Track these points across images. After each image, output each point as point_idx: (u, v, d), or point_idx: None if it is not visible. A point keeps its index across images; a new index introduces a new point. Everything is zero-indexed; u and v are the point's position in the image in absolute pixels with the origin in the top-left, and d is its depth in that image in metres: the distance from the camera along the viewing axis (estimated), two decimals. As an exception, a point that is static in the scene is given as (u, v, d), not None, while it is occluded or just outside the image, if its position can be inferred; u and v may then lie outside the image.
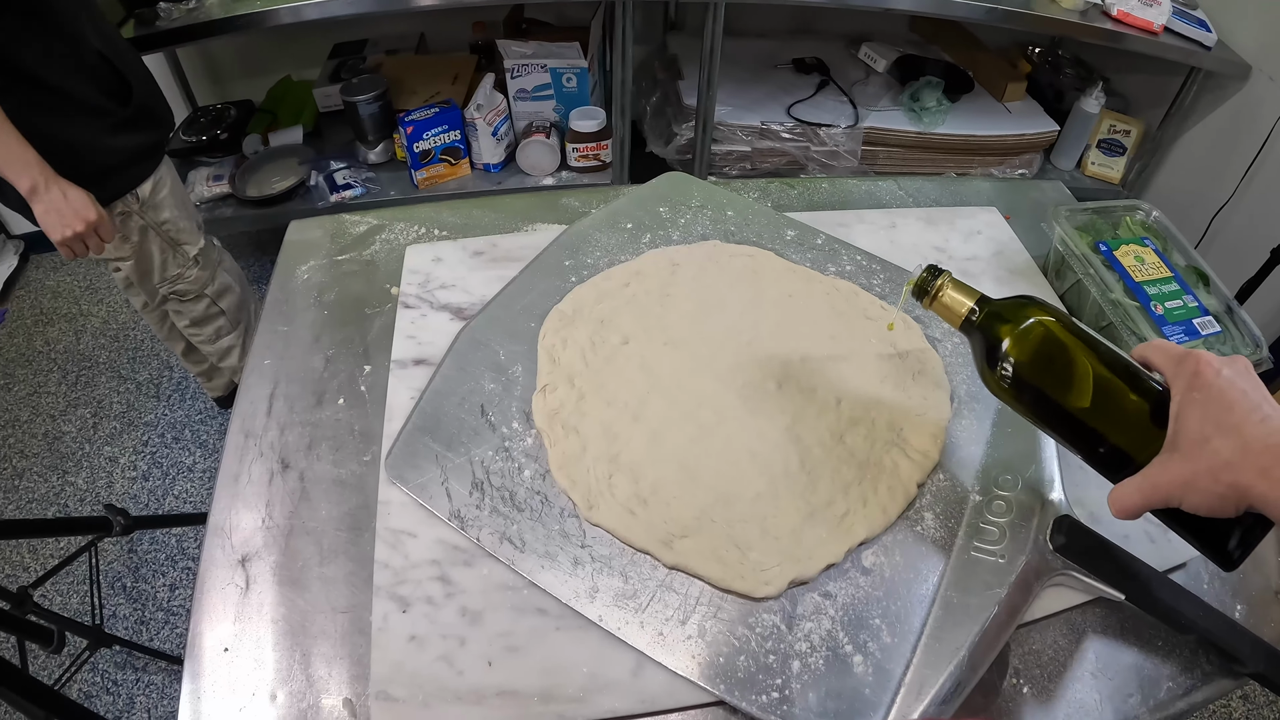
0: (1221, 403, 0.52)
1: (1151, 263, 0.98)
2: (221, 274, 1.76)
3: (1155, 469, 0.54)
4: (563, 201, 1.05)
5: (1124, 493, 0.55)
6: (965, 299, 0.65)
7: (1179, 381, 0.55)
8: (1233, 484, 0.49)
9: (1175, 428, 0.54)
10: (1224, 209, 2.05)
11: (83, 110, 1.35)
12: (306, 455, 0.78)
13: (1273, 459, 0.48)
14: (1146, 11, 1.93)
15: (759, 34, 2.44)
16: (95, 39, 1.36)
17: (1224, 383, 0.53)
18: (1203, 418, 0.52)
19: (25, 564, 1.92)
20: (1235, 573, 0.71)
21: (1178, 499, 0.52)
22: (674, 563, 0.66)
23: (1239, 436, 0.50)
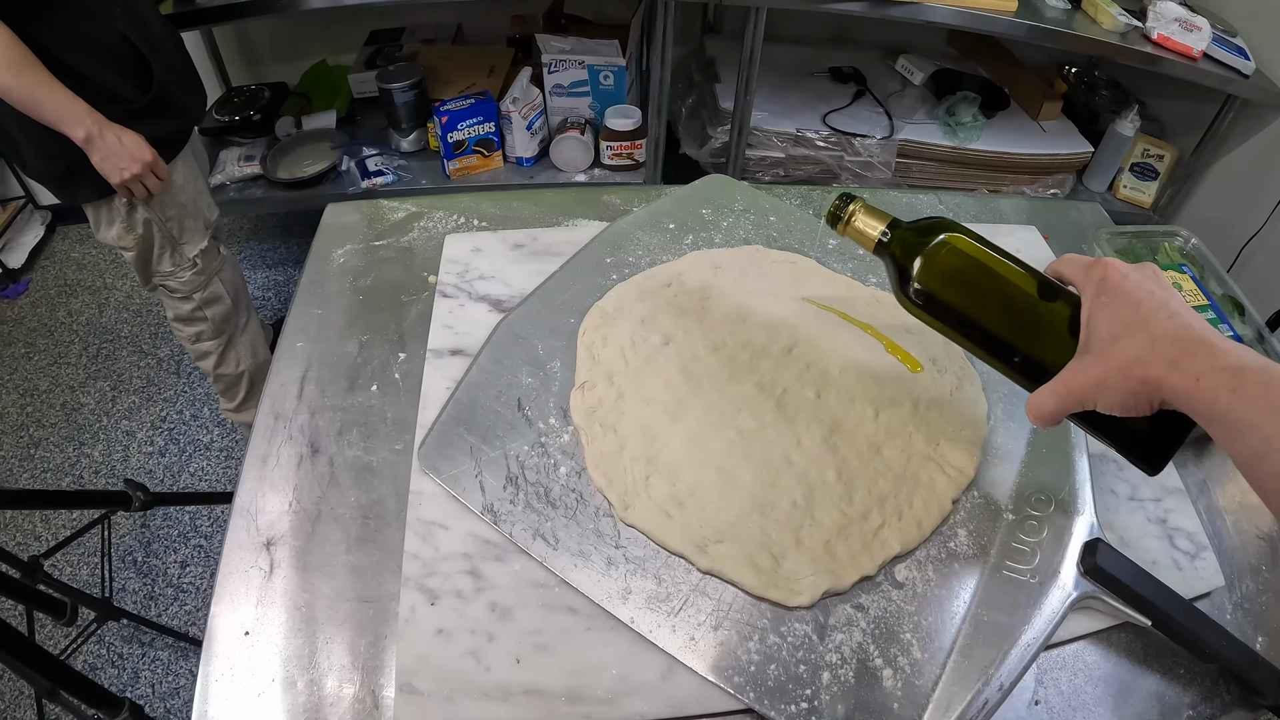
0: (1129, 303, 0.53)
1: (1189, 290, 0.97)
2: (216, 283, 1.73)
3: (1068, 372, 0.55)
4: (604, 198, 1.05)
5: (1040, 398, 0.56)
6: (877, 223, 0.67)
7: (1088, 288, 0.56)
8: (1143, 379, 0.50)
9: (1086, 331, 0.55)
10: (1255, 238, 2.03)
11: (98, 93, 1.35)
12: (337, 440, 0.77)
13: (1180, 351, 0.49)
14: (1187, 37, 1.91)
15: (796, 40, 2.44)
16: (123, 22, 1.37)
17: (1131, 285, 0.54)
18: (1111, 319, 0.53)
19: (37, 533, 1.93)
20: (1258, 604, 0.71)
21: (1092, 400, 0.53)
22: (708, 568, 0.66)
23: (1147, 332, 0.51)
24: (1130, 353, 0.51)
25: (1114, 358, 0.51)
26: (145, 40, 1.40)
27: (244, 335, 1.85)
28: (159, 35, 1.47)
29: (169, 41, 1.53)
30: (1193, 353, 0.48)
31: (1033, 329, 0.60)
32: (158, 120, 1.46)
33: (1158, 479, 0.77)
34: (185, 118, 1.58)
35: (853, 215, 0.68)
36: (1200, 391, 0.47)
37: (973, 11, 1.83)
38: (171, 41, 1.54)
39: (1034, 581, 0.66)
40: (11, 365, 2.32)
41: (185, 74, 1.59)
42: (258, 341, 1.90)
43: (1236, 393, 0.46)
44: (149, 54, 1.41)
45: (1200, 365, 0.47)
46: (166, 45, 1.50)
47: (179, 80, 1.53)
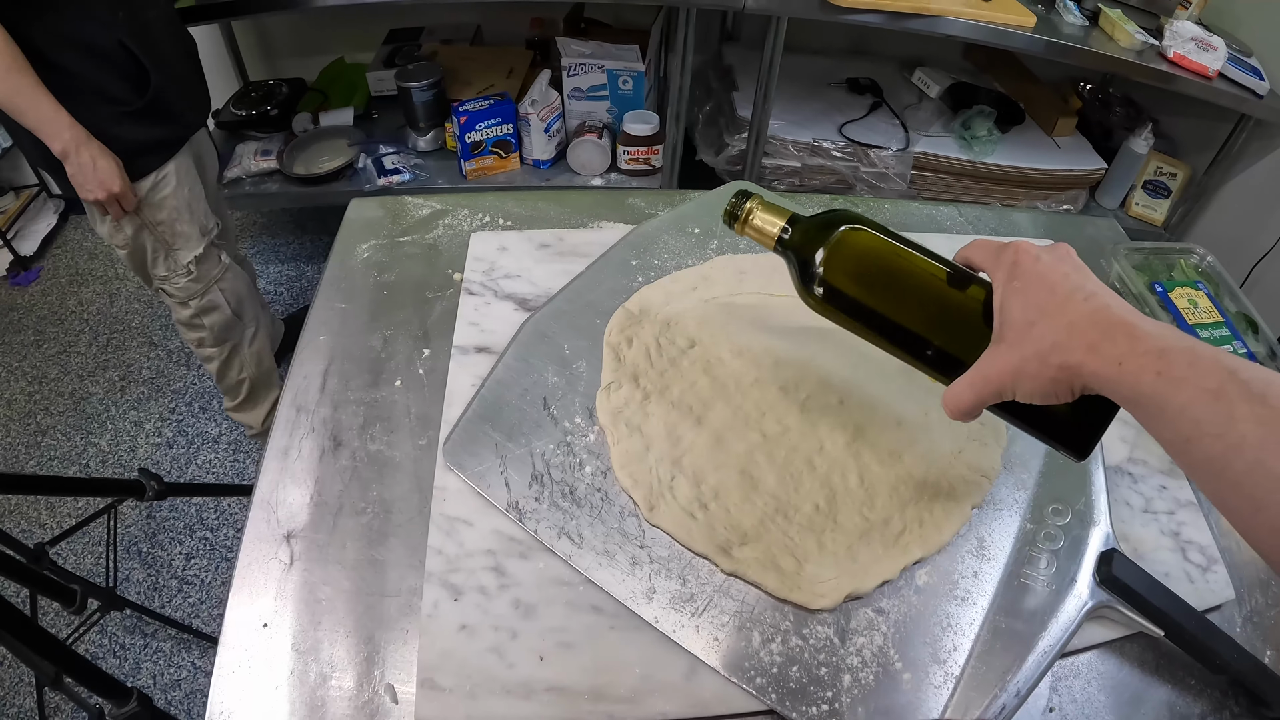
0: (1043, 286, 0.51)
1: (1204, 307, 0.98)
2: (215, 292, 1.70)
3: (983, 362, 0.53)
4: (628, 201, 1.05)
5: (956, 391, 0.54)
6: (776, 219, 0.65)
7: (999, 273, 0.54)
8: (1062, 365, 0.48)
9: (1000, 319, 0.53)
10: (1266, 257, 2.04)
11: (90, 93, 1.35)
12: (360, 434, 0.77)
13: (1099, 334, 0.47)
14: (1202, 56, 1.92)
15: (814, 51, 2.45)
16: (124, 29, 1.35)
17: (1043, 267, 0.52)
18: (1025, 304, 0.51)
19: (42, 521, 1.93)
20: (1268, 618, 0.72)
21: (1010, 389, 0.51)
22: (732, 569, 0.66)
23: (1063, 316, 0.49)
24: (1047, 338, 0.49)
25: (1030, 344, 0.49)
26: (145, 47, 1.39)
27: (250, 346, 1.84)
28: (163, 42, 1.46)
29: (175, 48, 1.52)
30: (1113, 335, 0.46)
31: (944, 319, 0.58)
32: (151, 125, 1.46)
33: (1170, 492, 0.78)
34: (181, 123, 1.56)
35: (750, 213, 0.66)
36: (1123, 375, 0.45)
37: (990, 26, 1.84)
38: (177, 48, 1.53)
39: (1050, 590, 0.67)
40: (20, 353, 2.33)
41: (188, 81, 1.58)
42: (264, 352, 1.89)
43: (1162, 375, 0.43)
44: (147, 61, 1.39)
45: (1121, 348, 0.46)
46: (171, 52, 1.49)
47: (180, 87, 1.51)
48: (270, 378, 1.94)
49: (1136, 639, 0.68)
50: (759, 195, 0.67)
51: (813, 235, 0.62)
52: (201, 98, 1.64)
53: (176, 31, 1.54)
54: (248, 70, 2.47)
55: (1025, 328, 0.50)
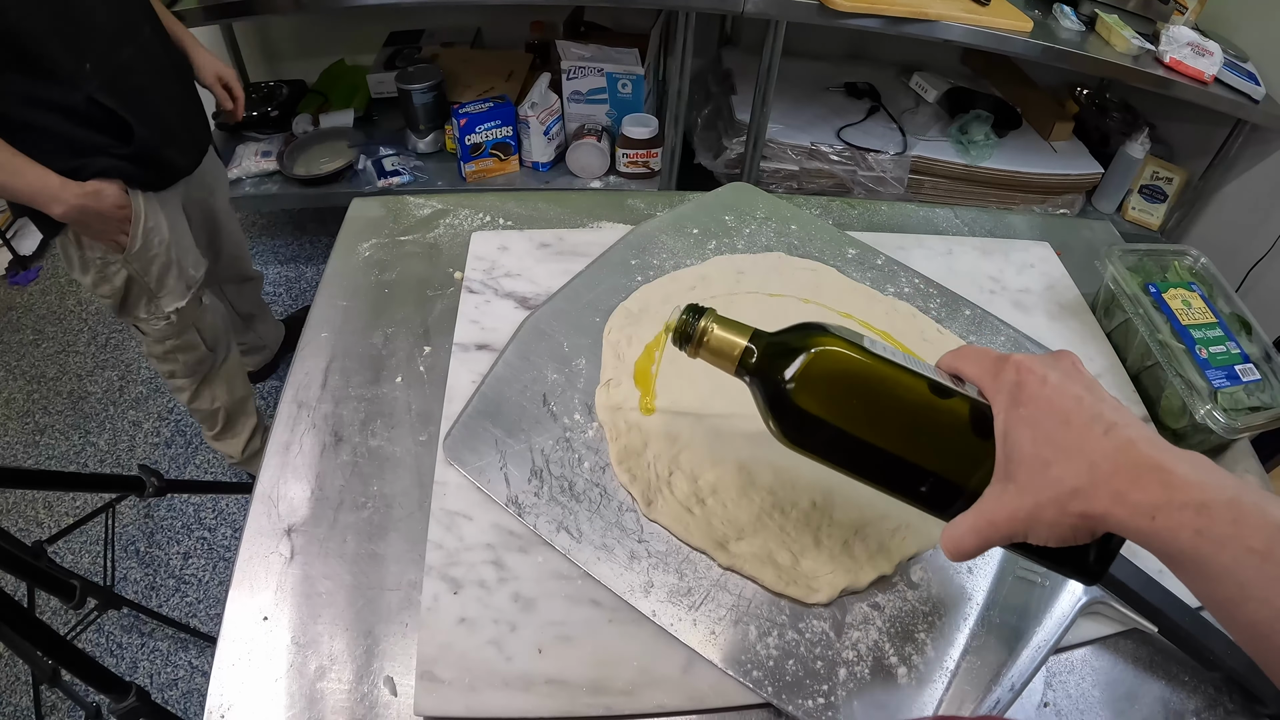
0: (1055, 416, 0.44)
1: (1198, 308, 0.98)
2: (190, 333, 1.62)
3: (990, 504, 0.46)
4: (628, 202, 1.06)
5: (957, 534, 0.47)
6: (737, 338, 0.57)
7: (1000, 397, 0.47)
8: (1084, 514, 0.42)
9: (1005, 453, 0.46)
10: (1261, 262, 2.05)
11: (69, 149, 1.24)
12: (360, 430, 0.78)
13: (1127, 480, 0.41)
14: (1198, 61, 1.93)
15: (813, 56, 2.46)
16: (89, 81, 1.22)
17: (1052, 391, 0.45)
18: (1035, 437, 0.45)
19: (40, 520, 1.93)
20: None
21: (1021, 535, 0.45)
22: (729, 564, 0.67)
23: (1083, 455, 0.43)
24: (1066, 483, 0.42)
25: (1046, 489, 0.43)
26: (123, 96, 1.27)
27: (220, 372, 1.76)
28: (146, 84, 1.33)
29: (162, 85, 1.39)
30: (1143, 481, 0.40)
31: (938, 447, 0.51)
32: (143, 171, 1.36)
33: None
34: (171, 170, 1.45)
35: (706, 334, 0.58)
36: (1157, 530, 0.39)
37: (988, 31, 1.85)
38: (165, 84, 1.40)
39: (1045, 585, 0.68)
40: (19, 352, 2.33)
41: (180, 120, 1.45)
42: (235, 378, 1.82)
43: (1202, 534, 0.38)
44: (127, 114, 1.28)
45: (1154, 498, 0.40)
46: (157, 92, 1.37)
47: (169, 133, 1.40)
48: (245, 405, 1.87)
49: (1131, 635, 0.68)
50: (713, 310, 0.59)
51: (781, 357, 0.54)
52: (197, 129, 1.53)
53: (161, 65, 1.39)
54: (249, 71, 2.47)
55: (1039, 468, 0.44)
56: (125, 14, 1.30)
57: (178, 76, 1.45)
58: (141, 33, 1.33)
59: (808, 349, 0.53)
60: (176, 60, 1.46)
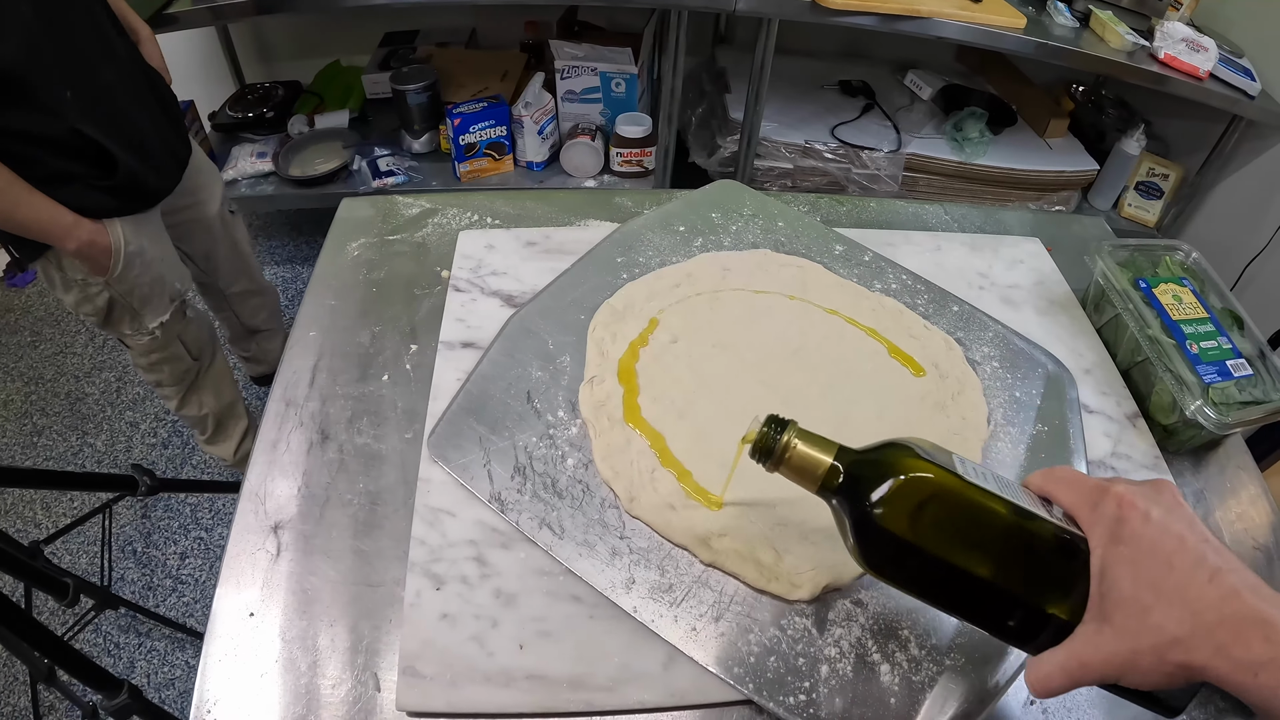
0: (1157, 558, 0.43)
1: (1189, 303, 0.98)
2: (175, 345, 1.61)
3: (1083, 645, 0.45)
4: (615, 200, 1.06)
5: (1045, 672, 0.46)
6: (821, 455, 0.54)
7: (1098, 530, 0.46)
8: (1183, 664, 0.41)
9: (1102, 590, 0.45)
10: (1258, 258, 2.05)
11: (54, 179, 1.22)
12: (347, 428, 0.78)
13: (1230, 633, 0.40)
14: (1193, 57, 1.93)
15: (808, 54, 2.46)
16: (71, 109, 1.19)
17: (1155, 531, 0.44)
18: (1135, 579, 0.43)
19: (38, 520, 1.94)
20: None
21: (1114, 678, 0.44)
22: (711, 560, 0.67)
23: (1185, 604, 0.41)
24: (1167, 632, 0.41)
25: (1146, 636, 0.42)
26: (106, 124, 1.25)
27: (207, 378, 1.75)
28: (128, 107, 1.32)
29: (144, 106, 1.37)
30: (1246, 636, 0.39)
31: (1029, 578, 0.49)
32: (123, 199, 1.35)
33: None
34: (153, 192, 1.43)
35: (788, 449, 0.55)
36: (1260, 687, 0.38)
37: (981, 28, 1.85)
38: (147, 106, 1.38)
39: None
40: (17, 353, 2.33)
41: (163, 144, 1.43)
42: (222, 383, 1.80)
43: None
44: (112, 145, 1.26)
45: (1257, 653, 0.38)
46: (140, 114, 1.35)
47: (147, 159, 1.36)
48: (234, 408, 1.87)
49: (1120, 632, 0.68)
50: (794, 422, 0.56)
51: (867, 480, 0.52)
52: (176, 144, 1.50)
53: (138, 82, 1.37)
54: (244, 72, 2.48)
55: (1139, 612, 0.42)
56: (103, 36, 1.28)
57: (151, 89, 1.42)
58: (118, 50, 1.31)
59: (897, 474, 0.51)
60: (147, 70, 1.44)
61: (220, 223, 1.71)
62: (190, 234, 1.65)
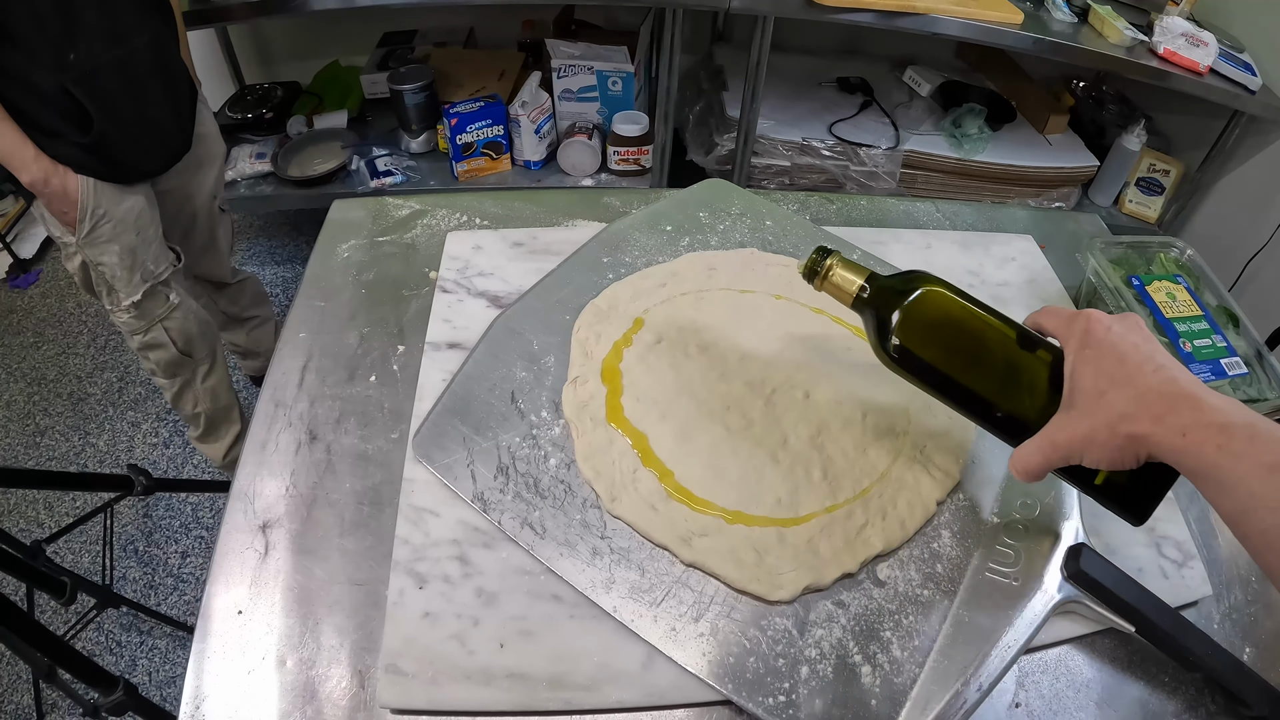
0: (1114, 356, 0.53)
1: (1183, 300, 0.97)
2: (158, 329, 1.62)
3: (1053, 427, 0.55)
4: (604, 200, 1.06)
5: (1025, 454, 0.56)
6: (855, 277, 0.67)
7: (1071, 341, 0.56)
8: (1130, 434, 0.50)
9: (1070, 385, 0.55)
10: (1260, 254, 2.04)
11: (33, 127, 1.29)
12: (335, 428, 0.79)
13: (1166, 406, 0.49)
14: (1193, 52, 1.92)
15: (805, 51, 2.46)
16: (70, 74, 1.27)
17: (1115, 337, 0.54)
18: (1096, 373, 0.53)
19: (40, 520, 1.95)
20: (1246, 615, 0.71)
21: (1078, 455, 0.53)
22: (691, 560, 0.67)
23: (1133, 387, 0.51)
24: (1117, 408, 0.51)
25: (1101, 413, 0.52)
26: (91, 94, 1.31)
27: (203, 382, 1.77)
28: (123, 88, 1.37)
29: (141, 90, 1.41)
30: (1178, 407, 0.48)
31: (1014, 382, 0.60)
32: (98, 162, 1.39)
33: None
34: (132, 171, 1.47)
35: (830, 270, 0.68)
36: (1187, 446, 0.47)
37: (978, 24, 1.85)
38: (146, 92, 1.42)
39: (1017, 584, 0.67)
40: (20, 354, 2.35)
41: (152, 127, 1.47)
42: (220, 388, 1.82)
43: (1222, 449, 0.46)
44: (92, 107, 1.32)
45: (1186, 420, 0.48)
46: (133, 96, 1.39)
47: (130, 135, 1.42)
48: (229, 413, 1.88)
49: (1108, 635, 0.68)
50: (838, 252, 0.68)
51: (890, 295, 0.64)
52: (172, 140, 1.54)
53: (148, 73, 1.42)
54: (244, 73, 2.49)
55: (1096, 396, 0.52)
56: (118, 22, 1.34)
57: (167, 89, 1.47)
58: (132, 42, 1.37)
59: (914, 290, 0.63)
60: (172, 71, 1.49)
61: (205, 213, 1.73)
62: (175, 222, 1.67)
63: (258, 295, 2.06)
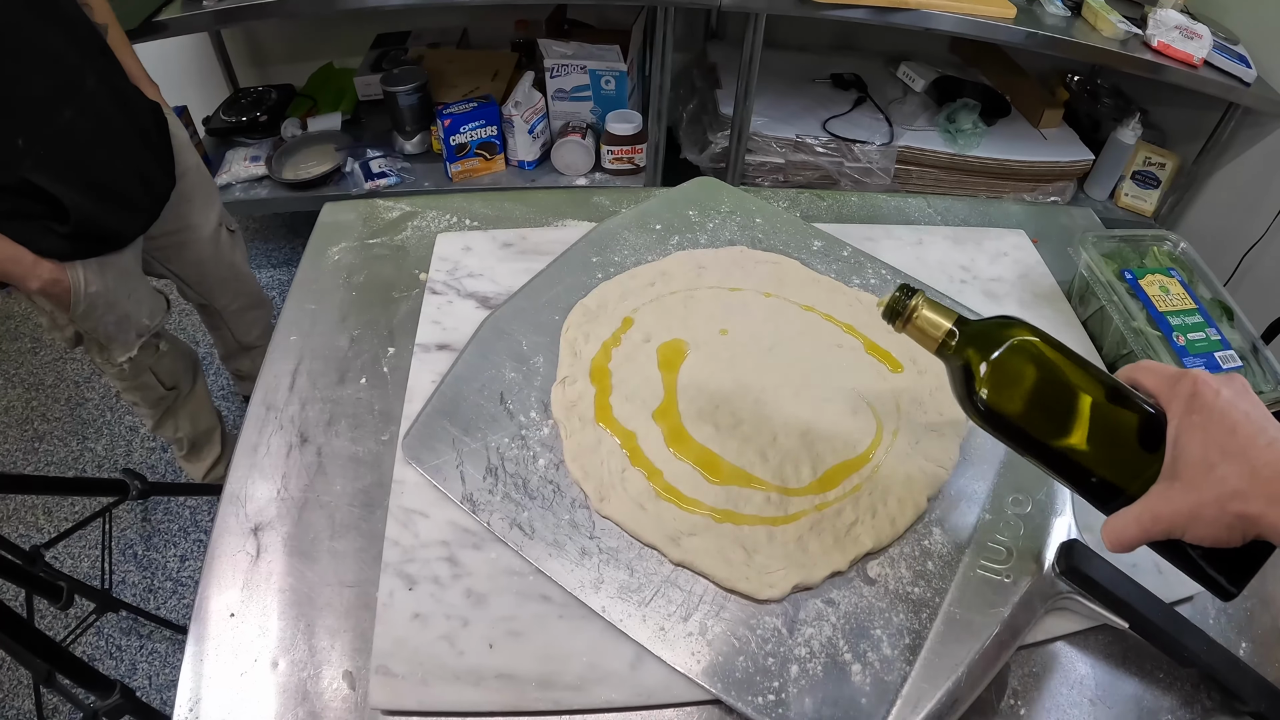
0: (1224, 425, 0.49)
1: (1176, 294, 0.97)
2: (146, 375, 1.57)
3: (1155, 499, 0.51)
4: (594, 200, 1.06)
5: (1120, 525, 0.52)
6: (942, 320, 0.60)
7: (1175, 404, 0.52)
8: (1241, 514, 0.46)
9: (1174, 454, 0.51)
10: (1256, 246, 2.03)
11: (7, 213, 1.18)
12: (325, 431, 0.79)
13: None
14: (1187, 44, 1.92)
15: (799, 47, 2.45)
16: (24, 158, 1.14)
17: (1224, 404, 0.50)
18: (1205, 442, 0.49)
19: (40, 525, 1.95)
20: (1243, 610, 0.71)
21: (1180, 530, 0.49)
22: (680, 559, 0.67)
23: (1246, 462, 0.47)
24: (1229, 484, 0.47)
25: (1210, 488, 0.48)
26: (56, 172, 1.18)
27: (184, 405, 1.73)
28: (87, 149, 1.23)
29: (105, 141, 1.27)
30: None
31: (1112, 445, 0.55)
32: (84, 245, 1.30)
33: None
34: (119, 234, 1.36)
35: (914, 311, 0.61)
36: None
37: (973, 19, 1.84)
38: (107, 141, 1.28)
39: (1008, 581, 0.67)
40: (18, 360, 2.35)
41: (131, 175, 1.34)
42: (200, 411, 1.79)
43: None
44: (62, 190, 1.19)
45: None
46: (100, 151, 1.26)
47: (109, 197, 1.30)
48: (211, 435, 1.85)
49: (1102, 631, 0.67)
50: (922, 292, 0.62)
51: (980, 343, 0.59)
52: (155, 179, 1.42)
53: (108, 118, 1.27)
54: (238, 76, 2.48)
55: (1205, 469, 0.48)
56: (64, 73, 1.19)
57: (129, 122, 1.34)
58: (83, 88, 1.22)
59: (1006, 340, 0.58)
60: (130, 104, 1.35)
61: (215, 245, 1.64)
62: (179, 257, 1.60)
63: (269, 325, 1.99)
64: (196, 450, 1.85)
